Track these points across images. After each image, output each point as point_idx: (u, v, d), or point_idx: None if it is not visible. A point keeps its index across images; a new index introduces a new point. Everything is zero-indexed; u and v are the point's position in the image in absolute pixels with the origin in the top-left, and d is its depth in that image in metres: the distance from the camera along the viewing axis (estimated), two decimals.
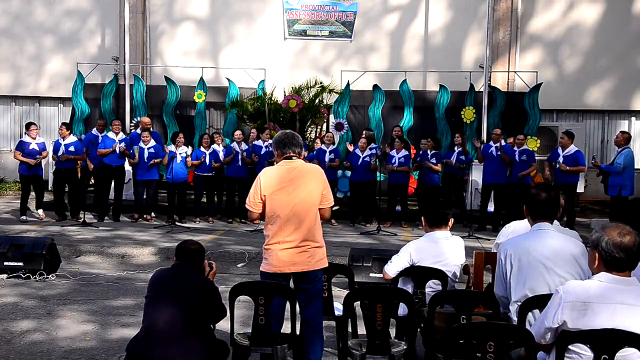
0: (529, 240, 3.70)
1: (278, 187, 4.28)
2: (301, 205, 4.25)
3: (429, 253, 4.62)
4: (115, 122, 11.72)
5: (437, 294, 4.04)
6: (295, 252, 4.25)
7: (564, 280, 3.44)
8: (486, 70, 13.33)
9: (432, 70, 14.93)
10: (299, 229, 4.24)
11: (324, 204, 4.34)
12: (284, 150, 4.36)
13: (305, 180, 4.30)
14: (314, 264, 4.28)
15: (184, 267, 4.03)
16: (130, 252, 9.01)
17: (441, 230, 4.72)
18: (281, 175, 4.31)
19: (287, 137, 4.39)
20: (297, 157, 4.38)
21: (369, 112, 13.74)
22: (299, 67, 15.26)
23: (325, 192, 4.35)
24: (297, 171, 4.32)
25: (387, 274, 4.70)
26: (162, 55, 15.89)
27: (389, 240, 10.15)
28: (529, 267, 3.62)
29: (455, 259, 4.71)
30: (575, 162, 10.77)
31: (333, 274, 4.99)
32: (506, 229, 4.76)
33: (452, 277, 4.63)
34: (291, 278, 4.33)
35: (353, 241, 9.98)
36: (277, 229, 4.26)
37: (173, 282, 3.96)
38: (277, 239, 4.27)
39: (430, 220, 4.75)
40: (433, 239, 4.69)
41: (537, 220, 3.75)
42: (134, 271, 8.17)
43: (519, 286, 3.64)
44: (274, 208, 4.26)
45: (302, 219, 4.25)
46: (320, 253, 4.34)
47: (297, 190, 4.27)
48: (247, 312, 5.81)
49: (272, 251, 4.29)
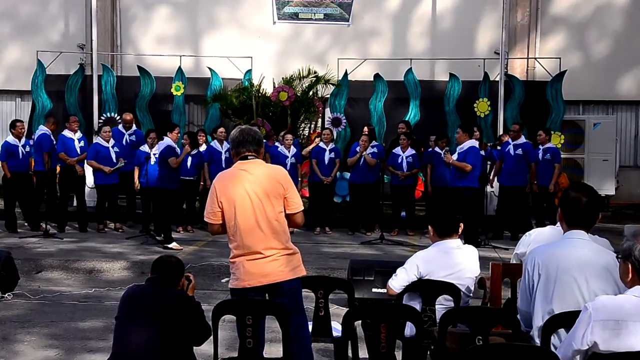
0: (560, 249, 3.68)
1: (235, 192, 4.31)
2: (263, 210, 4.29)
3: (439, 265, 4.64)
4: (72, 119, 11.76)
5: (449, 312, 4.04)
6: (265, 262, 4.29)
7: (596, 296, 3.44)
8: (502, 57, 13.28)
9: (441, 58, 14.89)
10: (264, 236, 4.29)
11: (291, 209, 4.38)
12: (238, 149, 4.40)
13: (265, 182, 4.33)
14: (287, 273, 4.32)
15: (160, 283, 4.03)
16: (99, 267, 9.01)
17: (452, 239, 4.73)
18: (237, 179, 4.34)
19: (242, 133, 4.42)
20: (255, 156, 4.41)
21: (370, 105, 13.71)
22: (290, 55, 15.23)
23: (290, 194, 4.37)
24: (255, 173, 4.35)
25: (391, 289, 4.70)
26: (134, 42, 15.85)
27: (393, 250, 10.16)
28: (558, 279, 3.61)
29: (469, 271, 4.72)
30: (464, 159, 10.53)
31: (330, 290, 5.00)
32: (527, 238, 4.79)
33: (465, 292, 4.65)
34: (265, 292, 4.35)
35: (353, 252, 9.98)
36: (239, 238, 4.31)
37: (148, 300, 3.97)
38: (242, 250, 4.31)
39: (440, 229, 4.77)
40: (443, 249, 4.71)
41: (573, 228, 3.71)
42: (103, 288, 8.14)
43: (544, 301, 3.63)
44: (233, 216, 4.30)
45: (266, 225, 4.29)
46: (294, 260, 4.38)
47: (256, 194, 4.30)
48: (232, 334, 5.75)
49: (238, 264, 4.34)
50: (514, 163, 11.21)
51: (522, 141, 11.35)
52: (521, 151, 11.22)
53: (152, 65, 14.58)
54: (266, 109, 13.23)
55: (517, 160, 11.20)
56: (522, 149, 11.25)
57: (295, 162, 11.60)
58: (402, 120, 12.68)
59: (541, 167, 11.31)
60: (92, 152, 11.33)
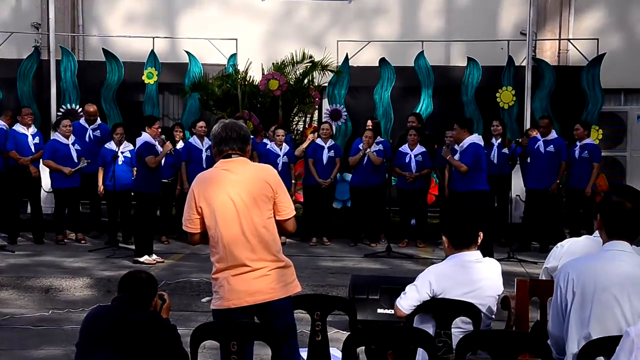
0: (599, 263, 3.65)
1: (216, 196, 4.34)
2: (249, 216, 4.32)
3: (456, 281, 4.63)
4: (25, 111, 11.80)
5: (467, 336, 4.03)
6: (252, 278, 4.30)
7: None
8: (530, 38, 13.25)
9: (458, 40, 14.85)
10: (251, 247, 4.31)
11: (281, 214, 4.42)
12: (220, 147, 4.44)
13: (252, 183, 4.37)
14: (279, 290, 4.34)
15: (128, 303, 4.03)
16: (58, 285, 9.00)
17: (470, 251, 4.73)
18: (219, 180, 4.38)
19: (225, 129, 4.45)
20: (240, 154, 4.45)
21: (375, 95, 13.70)
22: (281, 37, 15.23)
23: (280, 197, 4.42)
24: (240, 173, 4.38)
25: (400, 310, 4.69)
26: (99, 21, 15.85)
27: (402, 264, 10.21)
28: (596, 298, 3.58)
29: (491, 289, 4.71)
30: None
31: (328, 311, 4.99)
32: (559, 249, 4.79)
33: (486, 313, 4.64)
34: (253, 314, 4.37)
35: (355, 266, 10.03)
36: (222, 250, 4.33)
37: (114, 323, 3.96)
38: (225, 263, 4.33)
39: (455, 239, 4.76)
40: (460, 263, 4.70)
41: (614, 238, 3.67)
42: (62, 310, 8.14)
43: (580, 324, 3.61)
44: (214, 224, 4.33)
45: (253, 233, 4.32)
46: (286, 274, 4.41)
47: (241, 198, 4.33)
48: None
49: (221, 280, 4.35)
50: (544, 162, 11.20)
51: (553, 136, 11.34)
52: (553, 148, 11.21)
53: (120, 49, 14.57)
54: (254, 99, 13.22)
55: (547, 159, 11.22)
56: (553, 145, 11.24)
57: (287, 161, 11.60)
58: (412, 112, 12.61)
59: (577, 166, 11.33)
60: (49, 150, 11.28)
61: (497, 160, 11.46)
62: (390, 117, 13.65)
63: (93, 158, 11.43)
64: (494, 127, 11.76)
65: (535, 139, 11.39)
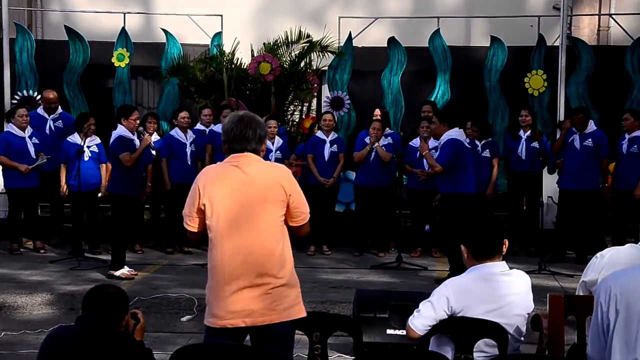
0: None
1: (221, 195, 4.46)
2: (256, 223, 4.42)
3: (478, 297, 4.62)
4: None
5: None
6: (252, 296, 4.37)
7: None
8: (564, 13, 13.16)
9: (480, 16, 14.86)
10: (255, 258, 4.39)
11: (295, 219, 4.55)
12: (232, 145, 4.58)
13: (263, 184, 4.48)
14: (281, 313, 4.40)
15: (95, 323, 4.00)
16: (12, 302, 8.95)
17: (494, 262, 4.72)
18: (226, 177, 4.50)
19: (241, 125, 4.56)
20: (254, 152, 4.58)
21: (383, 80, 13.68)
22: (274, 13, 15.27)
23: (294, 201, 4.52)
24: (250, 171, 4.49)
25: (412, 331, 4.67)
26: None
27: (415, 277, 10.20)
28: None
29: (519, 306, 4.69)
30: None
31: (330, 331, 5.01)
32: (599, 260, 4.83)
33: (514, 335, 4.62)
34: (247, 335, 4.44)
35: (360, 279, 10.03)
36: (220, 258, 4.43)
37: (78, 346, 3.93)
38: (223, 274, 4.42)
39: (476, 248, 4.75)
40: (483, 275, 4.69)
41: None
42: (17, 332, 8.08)
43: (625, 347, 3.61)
44: (216, 226, 4.44)
45: (258, 243, 4.41)
46: (291, 296, 4.48)
47: (248, 200, 4.44)
48: None
49: (216, 294, 4.45)
50: (581, 159, 11.11)
51: (591, 129, 11.21)
52: (591, 143, 11.11)
53: (86, 26, 14.56)
54: (242, 85, 13.19)
55: (584, 155, 11.12)
56: (592, 139, 11.13)
57: (281, 157, 11.59)
58: (426, 100, 12.60)
59: (625, 163, 11.26)
60: (1, 144, 11.27)
61: (526, 155, 11.48)
62: (400, 105, 13.60)
63: (53, 153, 11.37)
64: (522, 117, 11.75)
65: (571, 132, 11.30)
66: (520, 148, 11.56)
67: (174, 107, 12.91)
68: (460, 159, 9.78)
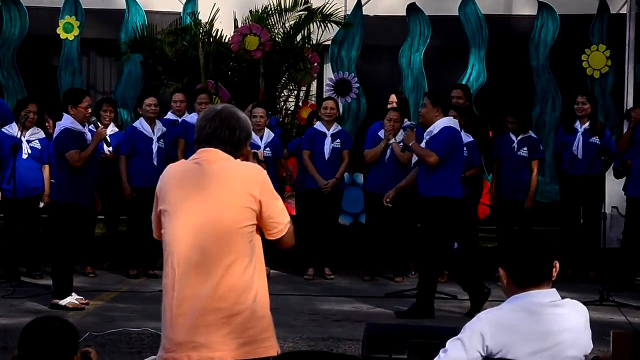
0: None
1: (177, 199, 4.59)
2: (214, 234, 4.49)
3: (522, 334, 4.58)
4: None
5: None
6: (199, 324, 4.39)
7: None
8: None
9: None
10: (209, 278, 4.44)
11: (271, 232, 4.59)
12: (202, 145, 4.70)
13: (227, 187, 4.55)
14: (237, 350, 4.41)
15: None
16: None
17: (542, 289, 4.66)
18: (185, 178, 4.65)
19: (214, 121, 4.65)
20: (226, 152, 4.64)
21: (401, 58, 13.87)
22: None
23: (267, 210, 4.54)
24: (214, 171, 4.59)
25: None
26: None
27: (441, 308, 10.21)
28: None
29: (574, 346, 4.63)
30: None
31: None
32: None
33: None
34: None
35: (370, 311, 10.26)
36: (171, 273, 4.49)
37: None
38: (172, 293, 4.48)
39: (518, 274, 4.66)
40: (528, 307, 4.63)
41: None
42: None
43: None
44: (169, 238, 4.55)
45: (214, 258, 4.45)
46: (256, 328, 4.48)
47: (207, 205, 4.53)
48: None
49: (164, 318, 4.51)
50: None
51: None
52: None
53: None
54: (223, 64, 13.49)
55: None
56: None
57: (272, 155, 11.72)
58: (456, 84, 12.61)
59: None
60: None
61: (583, 154, 11.65)
62: (423, 90, 13.40)
63: None
64: (579, 105, 11.77)
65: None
66: (576, 144, 11.79)
67: (137, 92, 13.22)
68: (453, 155, 9.96)
